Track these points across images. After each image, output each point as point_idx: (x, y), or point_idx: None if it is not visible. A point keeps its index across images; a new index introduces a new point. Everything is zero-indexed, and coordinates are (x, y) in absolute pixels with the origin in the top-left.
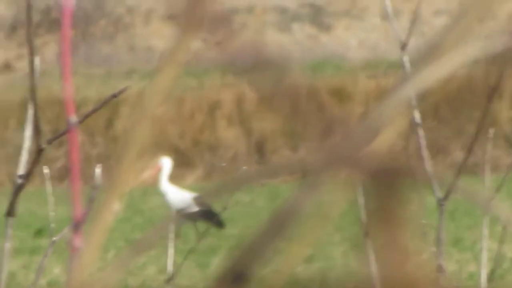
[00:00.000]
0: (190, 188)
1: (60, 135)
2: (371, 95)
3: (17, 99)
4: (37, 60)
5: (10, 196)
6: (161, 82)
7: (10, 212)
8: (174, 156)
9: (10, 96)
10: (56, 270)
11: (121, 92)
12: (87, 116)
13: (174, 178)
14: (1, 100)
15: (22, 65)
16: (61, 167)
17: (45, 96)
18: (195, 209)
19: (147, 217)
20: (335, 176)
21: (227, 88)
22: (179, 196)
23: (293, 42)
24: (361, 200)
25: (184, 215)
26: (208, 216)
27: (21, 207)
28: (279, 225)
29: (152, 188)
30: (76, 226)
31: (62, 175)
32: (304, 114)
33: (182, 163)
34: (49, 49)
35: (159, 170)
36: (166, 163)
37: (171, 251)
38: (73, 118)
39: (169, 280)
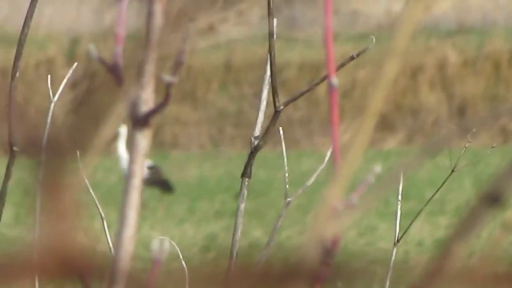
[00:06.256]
0: (390, 152)
1: (296, 98)
2: None
3: (220, 61)
4: (274, 22)
5: (245, 158)
6: (398, 45)
7: (245, 173)
8: (376, 119)
9: (212, 58)
10: (258, 232)
11: (359, 54)
12: (320, 80)
13: (375, 141)
14: (204, 62)
15: (226, 28)
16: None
17: (248, 58)
18: (146, 175)
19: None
20: None
21: (430, 52)
22: None
23: (497, 7)
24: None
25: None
26: (158, 182)
27: (221, 169)
28: None
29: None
30: (334, 184)
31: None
32: (506, 79)
33: (384, 127)
34: (253, 12)
35: (116, 138)
36: (123, 130)
37: (398, 213)
38: (335, 80)
39: (397, 241)
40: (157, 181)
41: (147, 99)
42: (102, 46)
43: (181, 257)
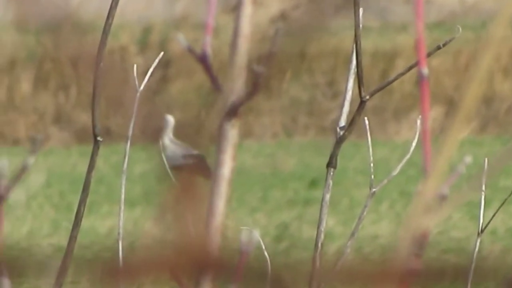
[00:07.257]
0: (464, 141)
1: (382, 87)
2: None
3: (295, 50)
4: (360, 11)
5: (331, 147)
6: (495, 35)
7: (330, 163)
8: (449, 108)
9: (286, 47)
10: (331, 222)
11: (446, 43)
12: (408, 69)
13: (449, 130)
14: (277, 51)
15: (297, 15)
16: (334, 120)
17: (321, 47)
18: (186, 163)
19: (420, 170)
20: None
21: (504, 40)
22: (173, 152)
23: None
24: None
25: (177, 168)
26: (202, 171)
27: (295, 158)
28: None
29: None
30: (426, 175)
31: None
32: None
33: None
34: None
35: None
36: (169, 120)
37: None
38: (425, 70)
39: (481, 232)
40: (201, 170)
41: (236, 89)
42: (174, 35)
43: (263, 247)
